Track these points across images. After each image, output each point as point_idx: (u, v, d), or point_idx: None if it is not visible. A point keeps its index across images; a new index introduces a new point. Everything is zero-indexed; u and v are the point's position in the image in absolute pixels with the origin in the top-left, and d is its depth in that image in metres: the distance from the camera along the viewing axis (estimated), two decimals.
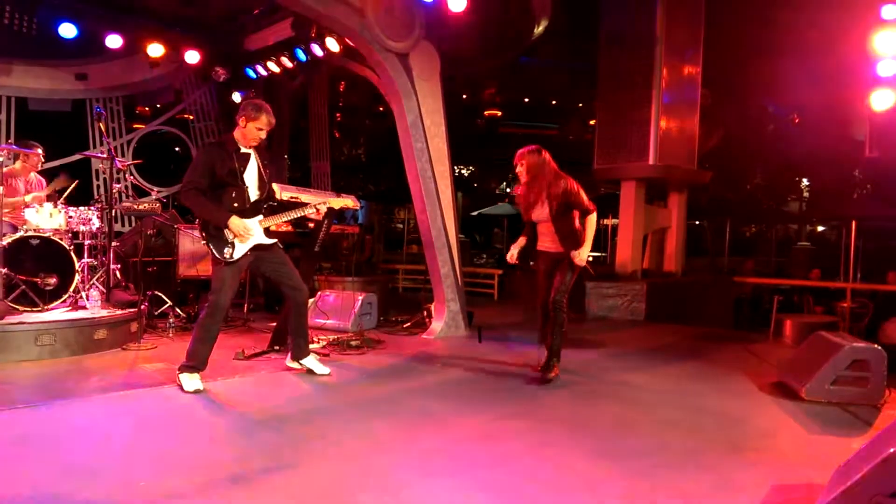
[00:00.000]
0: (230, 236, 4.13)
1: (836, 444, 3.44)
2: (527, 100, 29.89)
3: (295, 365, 4.70)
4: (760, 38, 13.55)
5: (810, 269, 11.62)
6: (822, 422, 3.85)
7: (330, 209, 4.67)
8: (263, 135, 4.23)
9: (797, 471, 3.03)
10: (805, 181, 22.89)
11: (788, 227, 22.39)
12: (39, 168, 6.18)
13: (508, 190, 34.43)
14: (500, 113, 30.13)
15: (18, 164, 5.97)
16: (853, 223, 9.74)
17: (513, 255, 4.87)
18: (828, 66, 11.58)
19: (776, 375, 4.83)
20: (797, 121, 18.56)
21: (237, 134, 4.21)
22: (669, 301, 8.67)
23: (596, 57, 10.06)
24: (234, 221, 4.10)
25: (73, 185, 6.24)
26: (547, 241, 4.77)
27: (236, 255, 4.16)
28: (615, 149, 9.60)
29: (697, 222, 17.26)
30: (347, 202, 4.69)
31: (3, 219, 5.25)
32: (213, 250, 4.12)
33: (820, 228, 22.76)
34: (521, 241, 4.93)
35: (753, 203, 21.01)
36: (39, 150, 6.01)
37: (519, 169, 4.72)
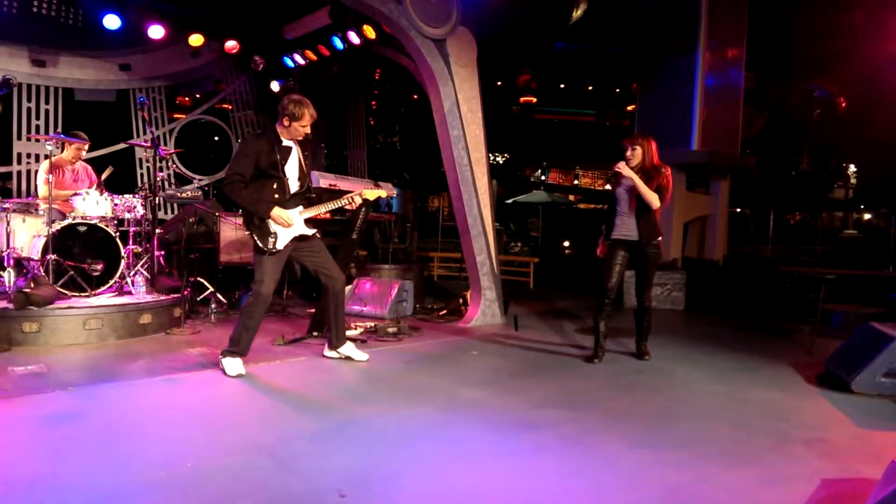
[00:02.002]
0: (273, 227, 4.18)
1: (888, 438, 3.33)
2: (563, 86, 29.55)
3: (333, 354, 4.73)
4: (807, 20, 13.11)
5: (858, 258, 11.24)
6: (872, 415, 3.72)
7: (366, 199, 4.67)
8: (308, 130, 4.28)
9: (847, 465, 2.94)
10: (852, 167, 22.15)
11: (834, 215, 21.70)
12: (83, 157, 6.34)
13: (543, 178, 34.12)
14: (535, 99, 29.83)
15: (67, 154, 6.14)
16: None
17: (603, 249, 5.04)
18: (878, 49, 11.14)
19: (823, 367, 4.69)
20: (844, 105, 17.97)
21: (280, 128, 4.25)
22: (711, 290, 8.50)
23: (635, 41, 9.86)
24: (277, 211, 4.16)
25: (109, 172, 6.35)
26: (628, 226, 4.82)
27: (279, 246, 4.21)
28: (655, 134, 9.39)
29: (740, 210, 16.85)
30: (381, 193, 4.67)
31: (53, 206, 5.42)
32: (257, 241, 4.18)
33: (867, 216, 22.00)
34: (605, 230, 5.07)
35: (798, 190, 20.42)
36: (85, 145, 6.16)
37: (629, 152, 4.83)
